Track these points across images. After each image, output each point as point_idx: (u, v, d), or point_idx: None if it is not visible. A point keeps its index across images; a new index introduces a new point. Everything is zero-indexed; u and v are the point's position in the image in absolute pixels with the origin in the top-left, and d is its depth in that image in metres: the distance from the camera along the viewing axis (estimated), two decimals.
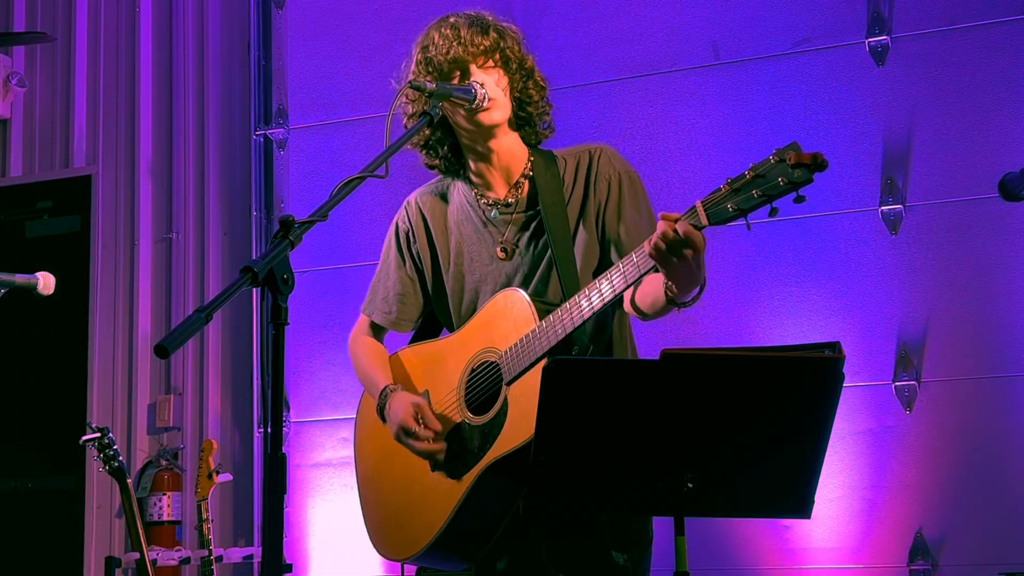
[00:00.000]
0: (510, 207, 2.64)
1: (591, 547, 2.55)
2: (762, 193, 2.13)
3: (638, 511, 2.55)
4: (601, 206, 2.59)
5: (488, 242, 2.65)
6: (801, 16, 4.57)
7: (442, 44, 2.57)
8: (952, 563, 4.17)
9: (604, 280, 2.36)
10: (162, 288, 5.38)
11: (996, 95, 4.32)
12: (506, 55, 2.59)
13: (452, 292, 2.71)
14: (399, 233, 2.79)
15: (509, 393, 2.48)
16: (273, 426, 2.00)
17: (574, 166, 2.63)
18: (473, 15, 2.63)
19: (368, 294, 2.86)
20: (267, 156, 5.25)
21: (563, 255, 2.54)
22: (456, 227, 2.70)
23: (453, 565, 2.69)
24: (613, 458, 2.22)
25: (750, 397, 2.16)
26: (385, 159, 2.39)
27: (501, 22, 2.64)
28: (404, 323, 2.80)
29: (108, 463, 4.12)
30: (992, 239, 4.25)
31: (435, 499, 2.56)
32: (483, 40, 2.56)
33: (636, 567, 2.58)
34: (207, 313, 1.92)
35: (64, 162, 5.63)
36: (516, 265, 2.62)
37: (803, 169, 2.08)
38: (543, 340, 2.42)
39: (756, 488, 2.28)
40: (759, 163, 2.14)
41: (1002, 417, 4.18)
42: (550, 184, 2.60)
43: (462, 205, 2.71)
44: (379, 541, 2.71)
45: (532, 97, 2.63)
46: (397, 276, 2.78)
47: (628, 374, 2.20)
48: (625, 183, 2.61)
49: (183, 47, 5.49)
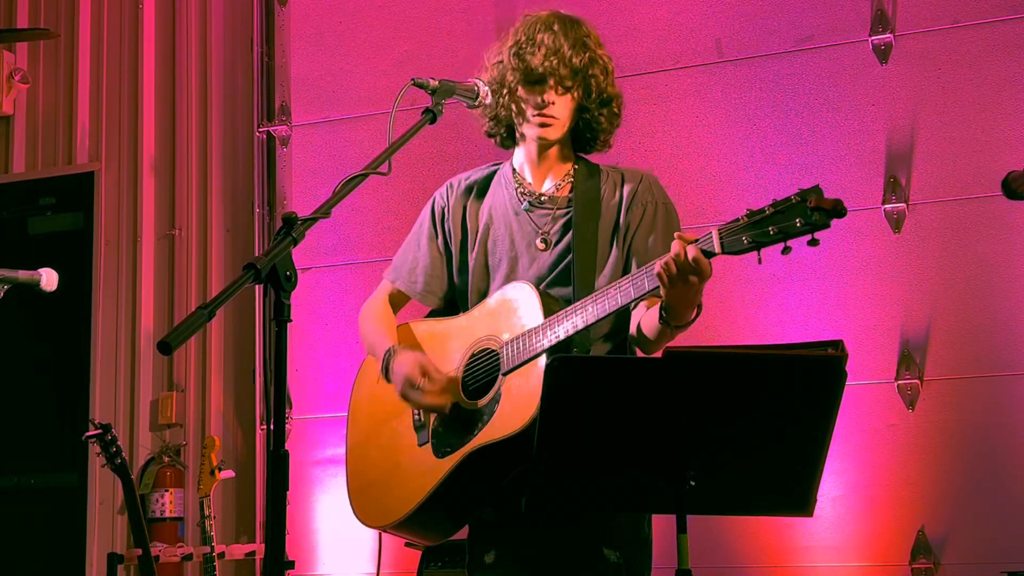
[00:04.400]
0: (544, 203, 2.69)
1: (581, 544, 2.57)
2: (779, 231, 2.17)
3: (640, 509, 2.56)
4: (632, 228, 2.64)
5: (524, 231, 2.69)
6: (805, 14, 4.57)
7: (540, 50, 2.61)
8: (954, 562, 4.17)
9: (613, 288, 2.40)
10: (165, 285, 5.38)
11: (1000, 93, 4.31)
12: (588, 84, 2.64)
13: (473, 271, 2.73)
14: (435, 208, 2.81)
15: (504, 384, 2.52)
16: (275, 423, 2.00)
17: (614, 182, 2.70)
18: (572, 23, 2.66)
19: (394, 260, 2.87)
20: (270, 153, 5.25)
21: (583, 261, 2.60)
22: (489, 210, 2.74)
23: (427, 539, 2.77)
24: (615, 455, 2.23)
25: (752, 395, 2.16)
26: (388, 156, 2.39)
27: (596, 44, 2.67)
28: (428, 296, 2.80)
29: (111, 460, 4.12)
30: (995, 238, 4.25)
31: (418, 474, 2.60)
32: (577, 60, 2.61)
33: (631, 565, 2.59)
34: (210, 310, 1.92)
35: (67, 158, 5.63)
36: (548, 258, 2.66)
37: (822, 213, 2.14)
38: (544, 337, 2.46)
39: (758, 486, 2.28)
40: (780, 200, 2.19)
41: (1005, 415, 4.18)
42: (588, 193, 2.66)
43: (502, 190, 2.76)
44: (358, 507, 2.75)
45: (601, 125, 2.72)
46: (427, 249, 2.80)
47: (631, 372, 2.20)
48: (660, 212, 2.67)
49: (186, 43, 5.49)
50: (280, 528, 1.98)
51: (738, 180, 4.56)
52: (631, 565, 2.59)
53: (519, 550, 2.60)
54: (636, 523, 2.63)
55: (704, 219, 4.58)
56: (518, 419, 2.43)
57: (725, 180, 4.58)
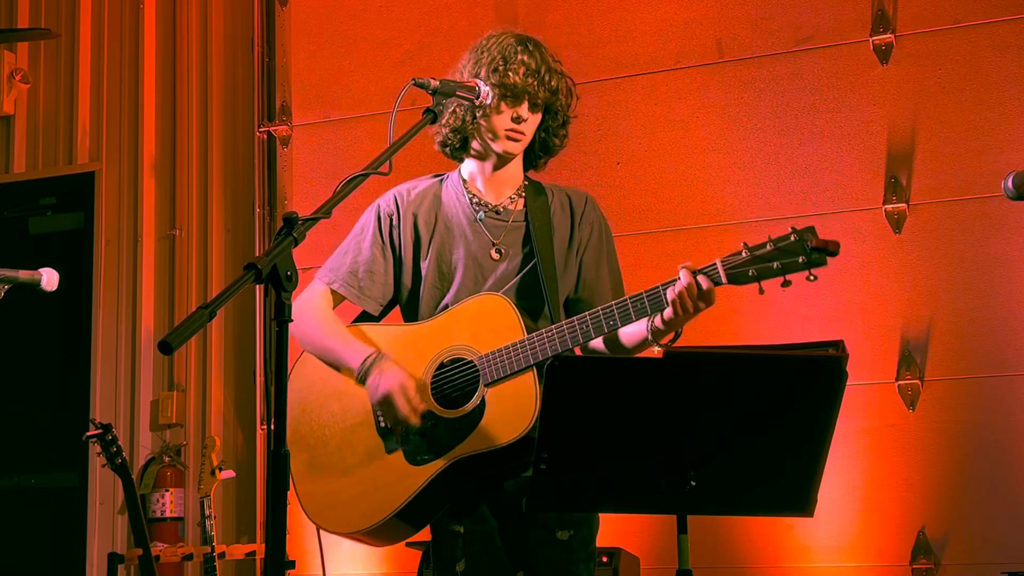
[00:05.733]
0: (500, 214, 2.75)
1: (534, 527, 2.62)
2: (781, 266, 2.35)
3: (641, 509, 2.56)
4: (582, 246, 2.77)
5: (479, 241, 2.73)
6: (805, 14, 4.57)
7: (520, 69, 2.69)
8: (954, 562, 4.17)
9: (601, 314, 2.50)
10: (165, 285, 5.39)
11: (1000, 93, 4.31)
12: (554, 108, 2.76)
13: (426, 278, 2.74)
14: (381, 215, 2.82)
15: (487, 395, 2.55)
16: (276, 423, 2.00)
17: (562, 201, 2.81)
18: (540, 46, 2.76)
19: (329, 263, 2.85)
20: (270, 153, 5.26)
21: (549, 273, 2.69)
22: (442, 218, 2.77)
23: (386, 543, 2.80)
24: (616, 456, 2.23)
25: (753, 396, 2.16)
26: (388, 156, 2.39)
27: (561, 68, 2.79)
28: (368, 300, 2.79)
29: (111, 459, 4.12)
30: (996, 238, 4.25)
31: (390, 481, 2.61)
32: (553, 83, 2.73)
33: (583, 543, 2.65)
34: (210, 310, 1.92)
35: (68, 158, 5.63)
36: (505, 269, 2.70)
37: (821, 253, 2.32)
38: (531, 353, 2.53)
39: (759, 486, 2.28)
40: (780, 238, 2.36)
41: (1005, 416, 4.18)
42: (541, 208, 2.77)
43: (453, 200, 2.79)
44: (314, 511, 2.73)
45: (556, 145, 2.82)
46: (371, 254, 2.79)
47: (631, 372, 2.20)
48: (605, 233, 2.82)
49: (187, 44, 5.50)
50: (280, 528, 1.98)
51: (738, 180, 4.56)
52: (582, 539, 2.65)
53: (487, 557, 2.64)
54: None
55: (704, 219, 4.58)
56: (509, 431, 2.49)
57: (725, 180, 4.58)
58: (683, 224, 4.59)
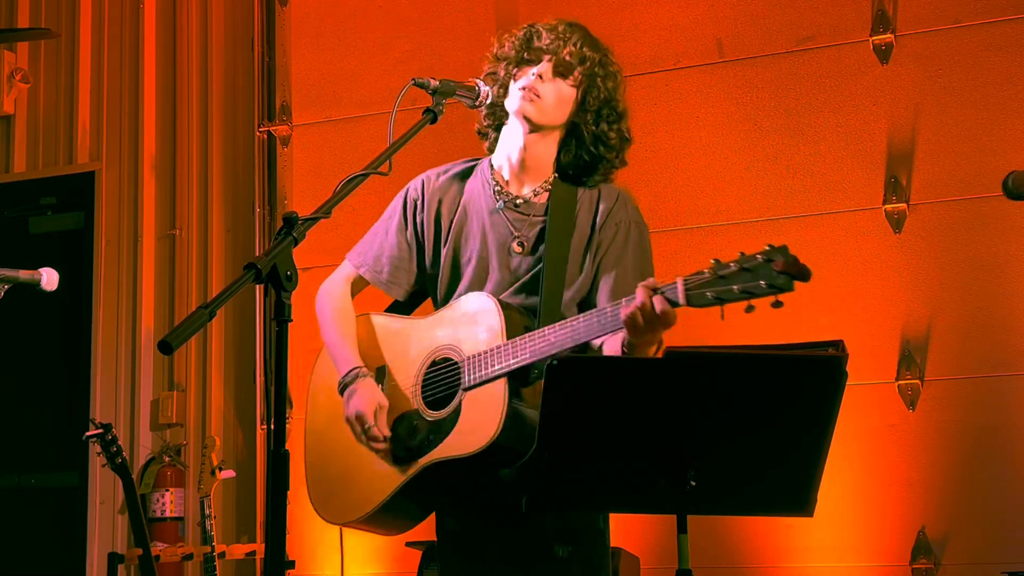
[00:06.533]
0: (519, 206, 2.66)
1: (532, 539, 2.57)
2: (742, 290, 2.12)
3: (641, 509, 2.56)
4: (604, 247, 2.62)
5: (497, 232, 2.66)
6: (806, 14, 4.57)
7: (548, 35, 2.60)
8: (955, 562, 4.17)
9: (581, 320, 2.38)
10: (165, 284, 5.39)
11: (1001, 93, 4.32)
12: (593, 82, 2.59)
13: (443, 265, 2.72)
14: (407, 200, 2.79)
15: (464, 399, 2.52)
16: (276, 423, 2.00)
17: (591, 197, 2.65)
18: (582, 28, 2.64)
19: (359, 246, 2.84)
20: (270, 152, 5.26)
21: (553, 274, 2.58)
22: (465, 205, 2.72)
23: (388, 533, 2.79)
24: (616, 456, 2.22)
25: (753, 395, 2.16)
26: (388, 156, 2.39)
27: (613, 58, 2.65)
28: (393, 287, 2.78)
29: (111, 459, 4.12)
30: (996, 238, 4.25)
31: (375, 477, 2.62)
32: (585, 50, 2.58)
33: (585, 561, 2.58)
34: (210, 309, 1.92)
35: (68, 158, 5.63)
36: (522, 263, 2.64)
37: (787, 277, 2.08)
38: (505, 359, 2.45)
39: (759, 486, 2.28)
40: (747, 256, 2.12)
41: (1005, 416, 4.18)
42: (564, 205, 2.62)
43: (479, 186, 2.73)
44: (316, 499, 2.78)
45: (609, 139, 2.63)
46: (396, 239, 2.78)
47: (631, 372, 2.20)
48: (633, 233, 2.64)
49: (187, 43, 5.50)
50: (280, 528, 1.98)
51: (739, 180, 4.56)
52: (584, 558, 2.58)
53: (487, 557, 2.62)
54: (589, 518, 2.63)
55: (704, 219, 4.58)
56: (475, 441, 2.43)
57: (726, 180, 4.58)
58: (683, 224, 4.59)
